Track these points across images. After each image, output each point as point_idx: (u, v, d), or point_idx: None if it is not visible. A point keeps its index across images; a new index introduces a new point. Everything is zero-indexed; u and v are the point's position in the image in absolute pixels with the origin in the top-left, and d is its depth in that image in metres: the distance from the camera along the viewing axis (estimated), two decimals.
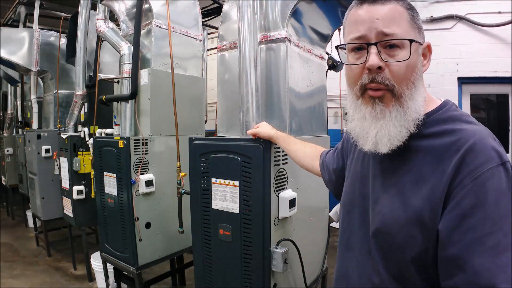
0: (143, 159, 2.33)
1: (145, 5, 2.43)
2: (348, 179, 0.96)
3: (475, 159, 0.66)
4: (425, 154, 0.74)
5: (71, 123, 3.30)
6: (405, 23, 0.73)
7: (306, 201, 1.76)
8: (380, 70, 0.73)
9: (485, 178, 0.65)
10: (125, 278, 2.57)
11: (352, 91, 0.80)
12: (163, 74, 2.43)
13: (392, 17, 0.72)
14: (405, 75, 0.73)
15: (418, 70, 0.75)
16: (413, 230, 0.71)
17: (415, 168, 0.74)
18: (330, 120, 5.21)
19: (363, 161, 0.90)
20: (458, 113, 0.77)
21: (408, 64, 0.72)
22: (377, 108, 0.75)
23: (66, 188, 3.30)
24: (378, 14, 0.73)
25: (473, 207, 0.64)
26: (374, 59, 0.72)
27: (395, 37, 0.72)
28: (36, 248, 4.35)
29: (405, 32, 0.73)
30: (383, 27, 0.72)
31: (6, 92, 6.04)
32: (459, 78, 4.47)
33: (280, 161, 1.56)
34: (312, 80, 1.96)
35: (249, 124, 1.59)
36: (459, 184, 0.66)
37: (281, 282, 1.59)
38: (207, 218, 1.66)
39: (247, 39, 1.58)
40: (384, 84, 0.73)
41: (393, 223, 0.74)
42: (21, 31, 4.10)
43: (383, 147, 0.75)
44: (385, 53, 0.72)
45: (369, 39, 0.73)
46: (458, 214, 0.66)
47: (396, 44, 0.72)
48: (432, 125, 0.76)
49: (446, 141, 0.72)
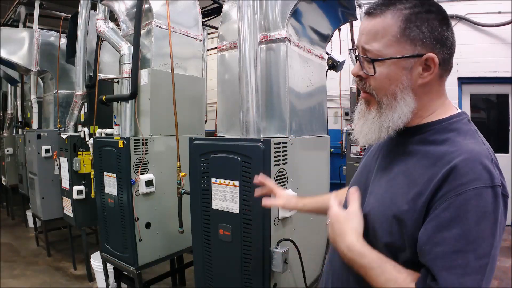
0: (143, 159, 2.33)
1: (145, 5, 2.43)
2: (356, 171, 1.01)
3: (464, 175, 0.66)
4: (422, 158, 0.76)
5: (71, 123, 3.30)
6: (387, 38, 0.76)
7: None
8: (360, 78, 0.83)
9: (469, 196, 0.64)
10: (125, 278, 2.57)
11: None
12: (163, 74, 2.42)
13: (374, 33, 0.77)
14: (382, 87, 0.79)
15: (400, 84, 0.77)
16: (394, 227, 0.74)
17: (411, 170, 0.76)
18: (330, 120, 5.21)
19: (374, 156, 0.94)
20: (466, 127, 0.77)
21: (381, 77, 0.78)
22: (362, 106, 0.87)
23: (66, 188, 3.30)
24: (365, 28, 0.79)
25: (450, 221, 0.65)
26: (354, 69, 0.84)
27: (370, 54, 0.78)
28: (36, 248, 4.35)
29: (384, 48, 0.76)
30: (363, 43, 0.79)
31: (6, 92, 6.03)
32: (459, 78, 4.48)
33: (280, 161, 1.56)
34: (312, 80, 1.96)
35: (249, 124, 1.59)
36: (443, 197, 0.67)
37: (281, 282, 1.59)
38: (207, 218, 1.66)
39: (247, 39, 1.58)
40: (365, 90, 0.83)
41: (378, 216, 0.79)
42: (21, 31, 4.10)
43: (361, 141, 0.86)
44: (366, 65, 0.80)
45: (358, 50, 0.83)
46: (434, 225, 0.67)
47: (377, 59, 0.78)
48: (438, 132, 0.77)
49: (443, 149, 0.73)
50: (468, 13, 4.40)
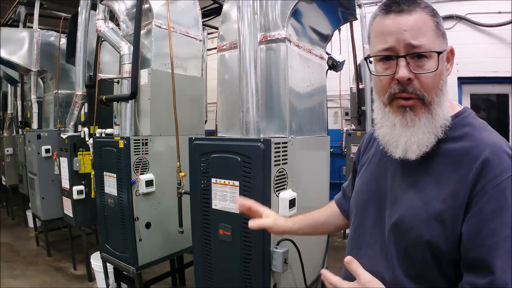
0: (143, 159, 2.33)
1: (145, 5, 2.43)
2: (362, 178, 0.98)
3: (495, 167, 0.69)
4: (445, 156, 0.76)
5: (71, 123, 3.30)
6: (431, 32, 0.75)
7: (306, 201, 1.75)
8: (409, 81, 0.75)
9: (505, 185, 0.68)
10: (125, 278, 2.57)
11: (379, 99, 0.83)
12: (163, 74, 2.42)
13: (419, 28, 0.74)
14: (434, 84, 0.75)
15: (444, 77, 0.78)
16: (434, 227, 0.73)
17: (436, 170, 0.77)
18: (330, 120, 5.21)
19: (379, 162, 0.92)
20: (477, 121, 0.80)
21: (436, 73, 0.74)
22: (407, 117, 0.77)
23: (66, 188, 3.30)
24: (406, 25, 0.74)
25: (493, 212, 0.68)
26: (404, 72, 0.74)
27: (422, 49, 0.73)
28: (36, 248, 4.35)
29: (432, 42, 0.74)
30: (411, 39, 0.73)
31: (6, 92, 6.03)
32: (459, 78, 4.48)
33: (280, 161, 1.56)
34: (312, 80, 1.96)
35: (249, 124, 1.59)
36: (480, 191, 0.69)
37: (281, 282, 1.59)
38: (207, 218, 1.66)
39: (247, 39, 1.58)
40: (415, 94, 0.75)
41: (413, 219, 0.76)
42: (21, 31, 4.10)
43: (412, 154, 0.77)
44: (413, 64, 0.74)
45: (398, 51, 0.75)
46: (480, 220, 0.69)
47: (424, 55, 0.74)
48: (453, 129, 0.78)
49: (465, 145, 0.75)
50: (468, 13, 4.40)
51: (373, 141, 1.00)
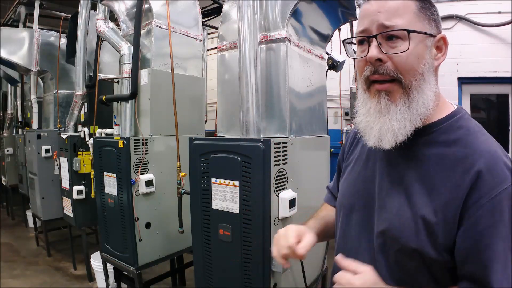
0: (143, 159, 2.33)
1: (145, 5, 2.43)
2: (348, 179, 0.93)
3: (491, 178, 0.66)
4: (437, 162, 0.72)
5: (71, 123, 3.30)
6: (410, 14, 0.72)
7: (306, 201, 1.75)
8: (381, 62, 0.72)
9: (501, 197, 0.65)
10: (125, 278, 2.57)
11: (360, 85, 0.80)
12: (163, 74, 2.42)
13: (395, 9, 0.71)
14: (410, 66, 0.71)
15: (426, 62, 0.73)
16: (423, 238, 0.70)
17: (427, 177, 0.73)
18: (330, 120, 5.21)
19: (366, 163, 0.87)
20: (472, 124, 0.76)
21: (412, 54, 0.71)
22: (381, 102, 0.74)
23: (66, 188, 3.30)
24: (382, 7, 0.72)
25: (489, 226, 0.65)
26: (372, 51, 0.72)
27: (394, 29, 0.71)
28: (36, 248, 4.35)
29: (408, 24, 0.71)
30: (384, 20, 0.71)
31: (6, 92, 6.03)
32: (459, 78, 4.47)
33: (280, 161, 1.56)
34: (312, 80, 1.96)
35: (249, 124, 1.59)
36: (475, 204, 0.66)
37: (281, 282, 1.59)
38: (207, 218, 1.66)
39: (247, 39, 1.58)
40: (389, 75, 0.72)
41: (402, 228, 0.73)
42: (21, 31, 4.10)
43: (386, 143, 0.74)
44: (386, 45, 0.72)
45: (371, 32, 0.73)
46: (475, 234, 0.66)
47: (398, 36, 0.71)
48: (446, 132, 0.74)
49: (459, 152, 0.71)
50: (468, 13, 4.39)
51: (358, 139, 0.95)
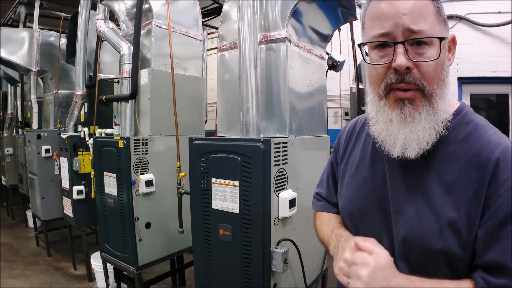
0: (143, 159, 2.33)
1: (145, 5, 2.43)
2: (352, 184, 0.88)
3: (507, 168, 0.67)
4: (451, 160, 0.72)
5: (71, 123, 3.30)
6: (431, 17, 0.68)
7: (306, 201, 1.75)
8: (408, 70, 0.68)
9: None
10: (125, 278, 2.57)
11: (374, 91, 0.75)
12: (163, 74, 2.42)
13: (419, 11, 0.67)
14: (435, 74, 0.69)
15: (446, 67, 0.71)
16: (448, 237, 0.69)
17: (444, 176, 0.72)
18: (330, 120, 5.21)
19: (373, 166, 0.83)
20: (478, 118, 0.76)
21: (437, 61, 0.68)
22: (406, 111, 0.70)
23: (66, 188, 3.30)
24: (405, 8, 0.66)
25: (508, 214, 0.65)
26: (402, 60, 0.67)
27: (423, 35, 0.66)
28: (36, 248, 4.35)
29: (433, 27, 0.68)
30: (410, 24, 0.66)
31: (6, 92, 6.03)
32: (459, 78, 4.48)
33: (280, 161, 1.56)
34: (312, 80, 1.96)
35: (249, 124, 1.59)
36: (494, 194, 0.66)
37: (281, 282, 1.59)
38: (207, 218, 1.66)
39: (247, 39, 1.58)
40: (415, 84, 0.68)
41: (424, 231, 0.71)
42: (21, 31, 4.10)
43: (411, 152, 0.71)
44: (412, 51, 0.67)
45: (395, 37, 0.67)
46: (495, 223, 0.66)
47: (424, 41, 0.67)
48: (455, 129, 0.74)
49: (472, 147, 0.71)
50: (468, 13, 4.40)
51: (355, 139, 0.92)
